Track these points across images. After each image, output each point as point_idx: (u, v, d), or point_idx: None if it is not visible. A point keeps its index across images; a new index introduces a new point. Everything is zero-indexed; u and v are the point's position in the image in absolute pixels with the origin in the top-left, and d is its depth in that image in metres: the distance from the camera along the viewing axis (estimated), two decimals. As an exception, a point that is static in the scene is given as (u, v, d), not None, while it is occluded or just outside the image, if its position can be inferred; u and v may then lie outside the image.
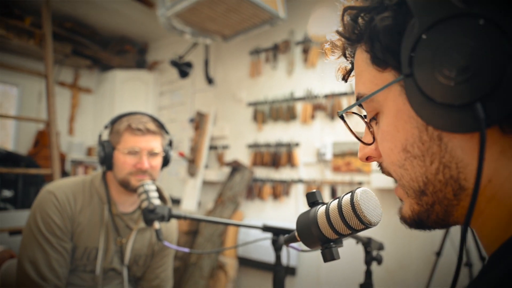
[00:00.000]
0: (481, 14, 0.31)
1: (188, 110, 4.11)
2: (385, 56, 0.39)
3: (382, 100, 0.41)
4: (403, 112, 0.39)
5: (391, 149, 0.41)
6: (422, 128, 0.38)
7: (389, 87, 0.39)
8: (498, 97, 0.31)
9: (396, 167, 0.41)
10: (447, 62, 0.32)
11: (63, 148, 4.26)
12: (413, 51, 0.35)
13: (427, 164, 0.38)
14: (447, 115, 0.34)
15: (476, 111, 0.31)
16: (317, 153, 2.97)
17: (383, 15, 0.38)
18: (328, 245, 0.67)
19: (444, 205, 0.38)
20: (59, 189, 1.29)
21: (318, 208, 0.67)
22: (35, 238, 1.23)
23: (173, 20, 2.83)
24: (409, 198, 0.42)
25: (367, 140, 0.47)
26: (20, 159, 3.32)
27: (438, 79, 0.33)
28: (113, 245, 1.34)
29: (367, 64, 0.42)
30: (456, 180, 0.37)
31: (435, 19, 0.33)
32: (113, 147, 1.33)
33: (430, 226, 0.41)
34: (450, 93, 0.33)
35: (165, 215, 1.13)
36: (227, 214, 3.16)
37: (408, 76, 0.36)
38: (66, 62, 4.22)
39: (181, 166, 3.93)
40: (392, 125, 0.40)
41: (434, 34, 0.33)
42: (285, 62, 3.29)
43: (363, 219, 0.60)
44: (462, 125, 0.33)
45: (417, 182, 0.39)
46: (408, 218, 0.43)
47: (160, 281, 1.48)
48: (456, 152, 0.36)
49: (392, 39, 0.38)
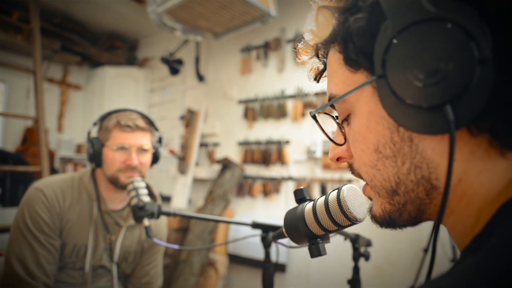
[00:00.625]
0: (451, 18, 0.31)
1: (178, 108, 4.10)
2: (358, 57, 0.40)
3: (354, 101, 0.42)
4: (375, 113, 0.39)
5: (363, 150, 0.41)
6: (394, 129, 0.38)
7: (361, 88, 0.40)
8: (467, 100, 0.31)
9: (368, 168, 0.42)
10: (419, 65, 0.33)
11: (52, 145, 4.21)
12: (386, 53, 0.35)
13: (399, 165, 0.39)
14: (418, 117, 0.34)
15: (446, 113, 0.32)
16: (307, 151, 2.99)
17: (357, 16, 0.39)
18: (315, 241, 0.68)
19: (417, 204, 0.39)
20: (48, 186, 1.28)
21: (305, 204, 0.69)
22: (23, 235, 1.22)
23: (163, 17, 2.82)
24: (380, 198, 0.42)
25: (339, 140, 0.47)
26: (8, 156, 3.28)
27: (410, 81, 0.34)
28: (102, 242, 1.34)
29: (340, 65, 0.43)
30: (427, 180, 0.37)
31: (408, 22, 0.34)
32: (102, 144, 1.32)
33: (401, 225, 0.42)
34: (421, 95, 0.33)
35: (154, 212, 1.13)
36: (217, 212, 3.16)
37: (381, 77, 0.36)
38: (55, 58, 4.17)
39: (171, 163, 3.92)
40: (364, 126, 0.41)
41: (406, 36, 0.34)
42: (276, 60, 3.30)
43: (349, 216, 0.61)
44: (432, 126, 0.34)
45: (389, 182, 0.40)
46: (379, 217, 0.43)
47: (150, 278, 1.49)
48: (426, 152, 0.37)
49: (366, 40, 0.38)
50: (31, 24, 2.83)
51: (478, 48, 0.31)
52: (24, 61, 3.84)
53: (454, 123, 0.32)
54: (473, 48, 0.31)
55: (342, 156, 0.47)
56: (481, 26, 0.31)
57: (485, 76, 0.31)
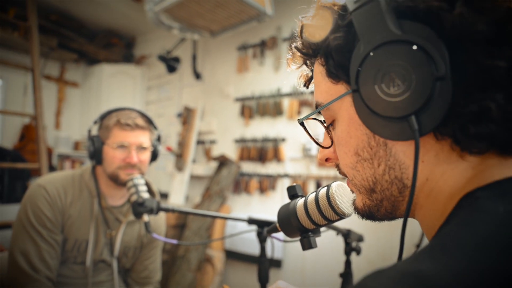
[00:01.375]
0: (413, 41, 0.36)
1: (175, 105, 4.13)
2: (337, 71, 0.44)
3: (337, 109, 0.46)
4: (354, 121, 0.44)
5: (345, 152, 0.46)
6: (370, 135, 0.43)
7: (343, 98, 0.44)
8: (429, 111, 0.36)
9: (349, 169, 0.47)
10: (387, 80, 0.38)
11: (50, 142, 4.23)
12: (358, 69, 0.40)
13: (375, 166, 0.43)
14: (389, 126, 0.39)
15: (411, 123, 0.37)
16: (303, 149, 3.03)
17: (335, 35, 0.43)
18: (306, 234, 0.73)
19: (392, 201, 0.44)
20: (50, 183, 1.32)
21: (297, 200, 0.73)
22: (26, 231, 1.26)
23: (161, 15, 2.84)
24: (361, 194, 0.47)
25: (326, 144, 0.52)
26: (5, 153, 3.30)
27: (379, 95, 0.39)
28: (103, 238, 1.38)
29: (323, 76, 0.47)
30: (400, 180, 0.42)
31: (376, 44, 0.38)
32: (102, 142, 1.36)
33: (380, 218, 0.47)
34: (389, 107, 0.38)
35: (153, 208, 1.17)
36: (214, 208, 3.21)
37: (355, 91, 0.41)
38: (52, 55, 4.17)
39: (168, 160, 3.95)
40: (345, 131, 0.45)
41: (376, 56, 0.38)
42: (272, 58, 3.33)
43: (337, 211, 0.66)
44: (401, 134, 0.38)
45: (367, 181, 0.45)
46: (360, 209, 0.49)
47: (149, 273, 1.53)
48: (399, 156, 0.41)
49: (343, 56, 0.43)
50: (29, 21, 2.85)
51: (436, 66, 0.35)
52: (21, 58, 3.85)
53: (418, 132, 0.37)
54: (432, 67, 0.35)
55: (329, 157, 0.52)
56: (438, 46, 0.35)
57: (444, 90, 0.35)
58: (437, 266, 0.29)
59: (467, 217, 0.34)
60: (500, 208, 0.33)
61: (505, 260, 0.28)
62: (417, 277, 0.28)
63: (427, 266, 0.29)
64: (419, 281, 0.28)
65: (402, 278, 0.29)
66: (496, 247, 0.29)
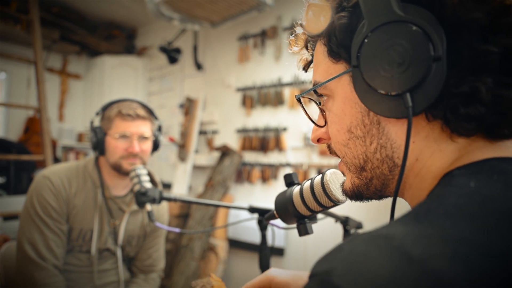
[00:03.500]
0: (414, 22, 0.38)
1: (177, 96, 4.14)
2: (339, 50, 0.46)
3: (334, 88, 0.48)
4: (350, 99, 0.45)
5: (338, 130, 0.48)
6: (365, 113, 0.44)
7: (340, 77, 0.46)
8: (423, 90, 0.38)
9: (341, 146, 0.48)
10: (386, 58, 0.40)
11: (54, 134, 4.27)
12: (360, 47, 0.42)
13: (367, 144, 0.45)
14: (384, 103, 0.41)
15: (406, 100, 0.39)
16: (304, 138, 3.05)
17: (340, 15, 0.45)
18: (303, 221, 0.75)
19: (381, 179, 0.46)
20: (54, 174, 1.35)
21: (294, 188, 0.75)
22: (33, 221, 1.29)
23: (161, 6, 2.84)
24: (350, 173, 0.49)
25: (320, 123, 0.53)
26: (11, 146, 3.34)
27: (379, 72, 0.40)
28: (107, 227, 1.41)
29: (324, 56, 0.48)
30: (391, 158, 0.44)
31: (380, 23, 0.40)
32: (104, 132, 1.38)
33: (368, 197, 0.49)
34: (386, 84, 0.40)
35: (156, 197, 1.19)
36: (217, 198, 3.24)
37: (355, 67, 0.43)
38: (54, 48, 4.19)
39: (171, 151, 3.98)
40: (340, 109, 0.47)
41: (378, 34, 0.40)
42: (273, 48, 3.33)
43: (331, 197, 0.68)
44: (395, 111, 0.40)
45: (358, 159, 0.47)
46: (349, 190, 0.51)
47: (153, 261, 1.56)
48: (391, 134, 0.43)
49: (346, 36, 0.44)
50: (30, 14, 2.86)
51: (433, 47, 0.37)
52: (24, 51, 3.87)
53: (411, 109, 0.38)
54: (430, 48, 0.37)
55: (322, 137, 0.53)
56: (437, 29, 0.37)
57: (439, 71, 0.37)
58: (405, 230, 0.31)
59: (440, 191, 0.37)
60: (471, 183, 0.35)
61: (466, 227, 0.30)
62: (385, 238, 0.31)
63: (396, 230, 0.31)
64: (387, 241, 0.30)
65: (372, 239, 0.31)
66: (461, 216, 0.31)
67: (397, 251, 0.29)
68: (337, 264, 0.30)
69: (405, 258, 0.28)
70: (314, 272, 0.33)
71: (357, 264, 0.29)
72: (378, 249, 0.30)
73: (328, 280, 0.30)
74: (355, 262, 0.30)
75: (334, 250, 0.33)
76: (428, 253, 0.28)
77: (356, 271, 0.29)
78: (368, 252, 0.30)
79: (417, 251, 0.28)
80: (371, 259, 0.29)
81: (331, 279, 0.29)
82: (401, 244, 0.29)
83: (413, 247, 0.29)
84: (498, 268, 0.27)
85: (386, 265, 0.28)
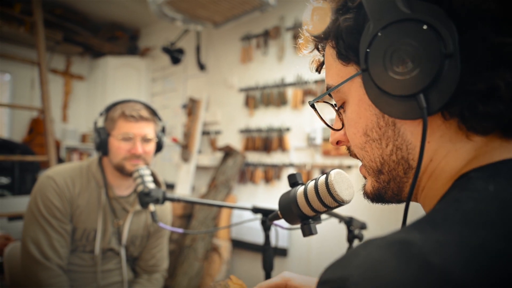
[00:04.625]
0: (422, 19, 0.36)
1: (180, 96, 4.15)
2: (347, 53, 0.44)
3: (347, 91, 0.46)
4: (364, 101, 0.44)
5: (355, 133, 0.47)
6: (379, 115, 0.43)
7: (352, 79, 0.45)
8: (437, 89, 0.36)
9: (359, 149, 0.47)
10: (396, 59, 0.38)
11: (57, 135, 4.29)
12: (368, 49, 0.40)
13: (383, 147, 0.44)
14: (397, 105, 0.39)
15: (419, 101, 0.37)
16: (307, 138, 3.04)
17: (346, 16, 0.43)
18: (307, 221, 0.74)
19: (397, 182, 0.45)
20: (58, 174, 1.35)
21: (298, 188, 0.74)
22: (37, 221, 1.30)
23: (164, 7, 2.85)
24: (370, 176, 0.48)
25: (337, 126, 0.52)
26: (15, 147, 3.36)
27: (388, 74, 0.39)
28: (110, 227, 1.41)
29: (334, 59, 0.47)
30: (406, 160, 0.43)
31: (385, 23, 0.39)
32: (108, 133, 1.38)
33: (388, 200, 0.48)
34: (398, 86, 0.38)
35: (159, 198, 1.19)
36: (220, 198, 3.24)
37: (364, 70, 0.41)
38: (57, 49, 4.20)
39: (174, 151, 3.98)
40: (355, 112, 0.46)
41: (385, 35, 0.39)
42: (276, 48, 3.33)
43: (336, 198, 0.67)
44: (410, 113, 0.39)
45: (375, 162, 0.45)
46: (370, 193, 0.49)
47: (156, 261, 1.56)
48: (406, 136, 0.42)
49: (353, 38, 0.43)
50: (34, 16, 2.87)
51: (444, 44, 0.35)
52: (28, 53, 3.89)
53: (426, 110, 0.37)
54: (440, 45, 0.35)
55: (340, 140, 0.52)
56: (448, 25, 0.35)
57: (452, 68, 0.35)
58: (422, 237, 0.30)
59: (457, 195, 0.35)
60: (490, 187, 0.33)
61: (485, 234, 0.29)
62: (402, 244, 0.29)
63: (413, 236, 0.30)
64: (404, 247, 0.29)
65: (388, 245, 0.30)
66: (480, 223, 0.30)
67: (416, 259, 0.28)
68: (353, 271, 0.29)
69: (425, 266, 0.27)
70: (326, 278, 0.31)
71: (374, 272, 0.28)
72: (396, 256, 0.29)
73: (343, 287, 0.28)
74: (372, 270, 0.28)
75: (348, 256, 0.32)
76: (448, 261, 0.27)
77: (373, 279, 0.28)
78: (385, 259, 0.29)
79: (437, 258, 0.27)
80: (389, 266, 0.28)
81: (346, 286, 0.28)
82: (420, 251, 0.28)
83: (433, 254, 0.27)
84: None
85: (405, 273, 0.27)
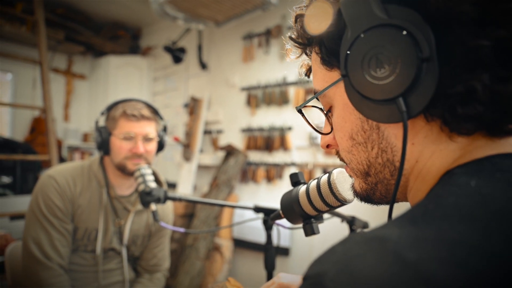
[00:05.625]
0: (398, 24, 0.37)
1: (182, 96, 4.15)
2: (330, 58, 0.45)
3: (332, 96, 0.47)
4: (348, 106, 0.44)
5: (341, 137, 0.47)
6: (363, 119, 0.43)
7: (337, 84, 0.45)
8: (416, 93, 0.36)
9: (346, 153, 0.48)
10: (373, 64, 0.39)
11: (59, 134, 4.29)
12: (347, 55, 0.41)
13: (369, 150, 0.44)
14: (378, 109, 0.40)
15: (399, 105, 0.37)
16: (309, 137, 3.03)
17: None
18: (309, 221, 0.74)
19: (385, 184, 0.45)
20: (59, 173, 1.35)
21: (300, 187, 0.74)
22: (38, 220, 1.29)
23: (165, 6, 2.84)
24: (357, 178, 0.49)
25: (326, 130, 0.52)
26: (17, 146, 3.36)
27: (367, 79, 0.39)
28: (112, 226, 1.41)
29: (318, 64, 0.48)
30: (391, 163, 0.43)
31: (362, 29, 0.39)
32: (109, 132, 1.38)
33: (376, 202, 0.49)
34: (377, 91, 0.39)
35: (161, 197, 1.18)
36: (222, 197, 3.24)
37: (345, 76, 0.42)
38: (59, 48, 4.21)
39: (176, 150, 3.98)
40: (340, 116, 0.46)
41: (362, 41, 0.39)
42: (278, 46, 3.32)
43: (338, 197, 0.67)
44: (391, 116, 0.39)
45: (362, 165, 0.46)
46: (359, 192, 0.50)
47: (158, 260, 1.56)
48: (390, 138, 0.42)
49: (334, 43, 0.43)
50: (35, 15, 2.87)
51: (420, 49, 0.35)
52: (30, 52, 3.89)
53: (406, 113, 0.37)
54: (417, 49, 0.35)
55: (330, 143, 0.52)
56: (423, 29, 0.35)
57: (430, 72, 0.35)
58: (400, 232, 0.30)
59: (439, 190, 0.36)
60: (472, 182, 0.33)
61: (464, 229, 0.29)
62: (379, 241, 0.30)
63: (391, 232, 0.30)
64: (381, 244, 0.29)
65: (366, 241, 0.30)
66: (459, 217, 0.30)
67: (391, 255, 0.28)
68: (330, 267, 0.30)
69: (399, 262, 0.27)
70: (307, 274, 0.32)
71: (350, 267, 0.29)
72: (372, 252, 0.29)
73: (320, 283, 0.29)
74: (348, 265, 0.29)
75: (327, 252, 0.32)
76: (423, 257, 0.27)
77: (348, 274, 0.28)
78: (361, 255, 0.29)
79: (412, 254, 0.27)
80: (364, 262, 0.28)
81: (323, 282, 0.29)
82: (396, 247, 0.28)
83: (408, 250, 0.28)
84: (497, 272, 0.26)
85: (379, 269, 0.27)
